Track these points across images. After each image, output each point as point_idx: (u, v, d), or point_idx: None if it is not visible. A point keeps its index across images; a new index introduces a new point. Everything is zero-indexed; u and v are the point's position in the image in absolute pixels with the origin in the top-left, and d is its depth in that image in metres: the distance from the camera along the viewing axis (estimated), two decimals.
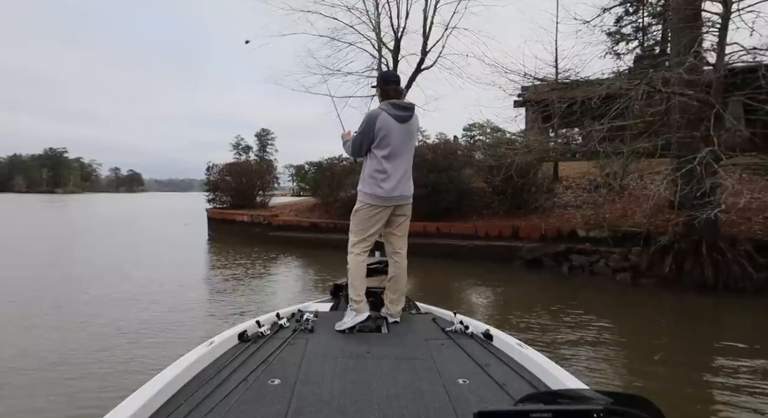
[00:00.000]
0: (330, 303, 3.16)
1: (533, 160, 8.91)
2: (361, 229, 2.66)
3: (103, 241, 14.32)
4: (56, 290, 6.97)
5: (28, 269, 8.80)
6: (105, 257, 10.69)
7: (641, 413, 0.98)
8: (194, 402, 1.49)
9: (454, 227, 10.54)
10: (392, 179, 2.59)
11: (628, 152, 6.66)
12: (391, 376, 1.79)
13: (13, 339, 4.70)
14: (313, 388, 1.65)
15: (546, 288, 7.87)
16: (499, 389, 1.65)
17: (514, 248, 9.47)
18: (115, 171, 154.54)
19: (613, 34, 18.70)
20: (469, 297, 7.30)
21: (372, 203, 2.61)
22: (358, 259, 2.63)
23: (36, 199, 59.33)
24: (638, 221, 8.83)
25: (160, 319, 5.45)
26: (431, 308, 3.11)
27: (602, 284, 7.83)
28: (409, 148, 2.69)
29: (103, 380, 3.70)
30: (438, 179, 10.75)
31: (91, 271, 8.78)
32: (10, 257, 10.44)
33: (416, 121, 2.73)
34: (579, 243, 8.84)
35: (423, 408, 1.50)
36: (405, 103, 2.67)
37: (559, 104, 7.30)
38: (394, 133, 2.59)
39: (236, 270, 9.11)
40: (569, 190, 12.16)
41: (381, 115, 2.59)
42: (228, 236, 14.74)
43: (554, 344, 4.74)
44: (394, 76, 2.84)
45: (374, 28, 15.63)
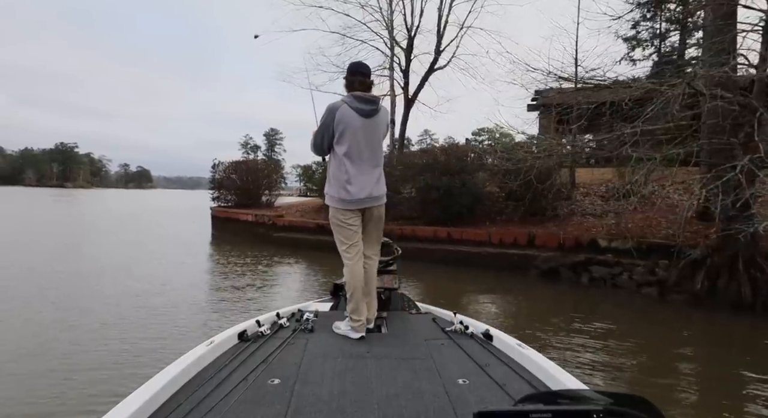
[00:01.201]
0: (330, 303, 3.09)
1: (554, 164, 8.40)
2: (342, 236, 2.48)
3: (109, 238, 13.98)
4: (66, 286, 6.88)
5: (39, 266, 8.47)
6: (111, 255, 10.33)
7: (641, 413, 0.97)
8: (194, 401, 1.48)
9: (466, 233, 10.05)
10: (358, 180, 2.39)
11: (660, 159, 6.14)
12: (390, 376, 1.78)
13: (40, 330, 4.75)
14: (313, 388, 1.65)
15: (563, 300, 7.36)
16: (498, 389, 1.64)
17: (530, 257, 8.97)
18: (125, 167, 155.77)
19: (630, 40, 18.20)
20: (480, 307, 6.82)
21: (339, 208, 2.45)
22: (355, 268, 2.45)
23: (46, 193, 59.64)
24: (664, 232, 8.31)
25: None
26: (431, 308, 3.06)
27: (626, 299, 7.30)
28: (374, 145, 2.48)
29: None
30: (450, 183, 10.27)
31: (96, 268, 8.52)
32: (20, 254, 10.09)
33: (383, 116, 2.51)
34: (600, 254, 8.32)
35: (423, 408, 1.50)
36: (369, 96, 2.45)
37: (586, 106, 6.82)
38: (356, 129, 2.38)
39: (233, 278, 8.70)
40: (586, 198, 11.65)
41: (341, 108, 2.38)
42: (232, 236, 14.37)
43: (572, 363, 4.27)
44: (362, 66, 2.56)
45: (387, 26, 15.26)
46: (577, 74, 7.67)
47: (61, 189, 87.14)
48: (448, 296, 7.59)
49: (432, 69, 15.32)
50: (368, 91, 2.49)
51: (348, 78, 2.51)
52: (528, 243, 9.26)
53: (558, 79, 7.78)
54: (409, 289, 8.13)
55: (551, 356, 4.37)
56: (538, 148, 8.29)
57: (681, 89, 5.45)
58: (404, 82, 15.57)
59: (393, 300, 2.99)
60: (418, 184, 10.78)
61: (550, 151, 7.85)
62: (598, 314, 6.41)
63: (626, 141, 5.91)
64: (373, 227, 2.57)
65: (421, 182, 10.62)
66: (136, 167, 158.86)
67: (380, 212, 2.56)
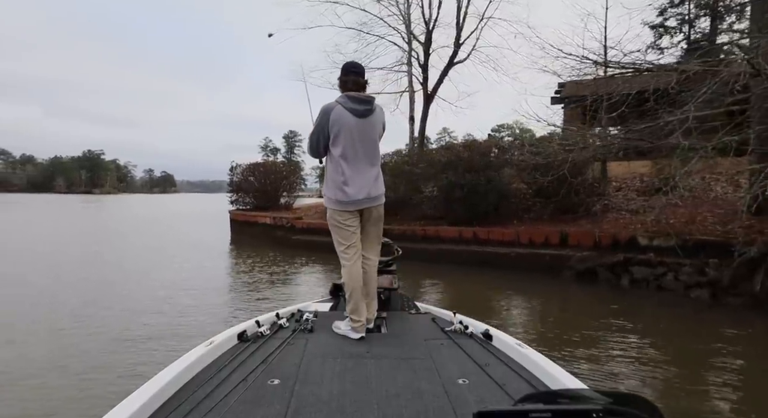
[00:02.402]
0: (329, 303, 3.08)
1: (590, 157, 7.80)
2: (340, 237, 2.48)
3: (133, 243, 13.95)
4: (96, 293, 6.75)
5: (67, 276, 8.33)
6: (134, 261, 10.20)
7: (640, 413, 0.95)
8: (194, 402, 1.48)
9: (492, 233, 9.52)
10: (355, 181, 2.38)
11: (711, 148, 5.52)
12: (390, 376, 1.78)
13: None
14: (313, 388, 1.64)
15: (602, 304, 6.74)
16: (498, 389, 1.64)
17: (563, 257, 8.39)
18: (149, 172, 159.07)
19: (657, 28, 17.31)
20: (509, 313, 6.31)
21: (337, 209, 2.44)
22: (353, 268, 2.43)
23: (75, 199, 61.25)
24: (712, 229, 7.63)
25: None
26: (430, 308, 3.07)
27: (673, 302, 6.67)
28: (370, 145, 2.45)
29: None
30: (475, 180, 9.75)
31: (122, 275, 8.29)
32: (49, 263, 10.06)
33: (379, 116, 2.49)
34: (640, 253, 7.69)
35: (422, 408, 1.50)
36: (363, 95, 2.42)
37: (626, 91, 6.23)
38: (350, 130, 2.36)
39: (250, 284, 8.39)
40: (620, 193, 10.96)
41: (335, 109, 2.36)
42: (250, 239, 14.15)
43: (616, 378, 3.75)
44: (355, 66, 2.52)
45: (404, 20, 14.80)
46: (612, 60, 7.05)
47: (90, 195, 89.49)
48: (474, 300, 7.11)
49: (451, 63, 14.78)
50: (362, 91, 2.45)
51: (341, 78, 2.47)
52: (560, 242, 8.68)
53: (594, 64, 7.17)
54: (432, 293, 7.68)
55: (598, 370, 3.95)
56: (570, 140, 7.68)
57: (743, 68, 4.82)
58: (423, 77, 15.09)
59: (393, 300, 2.99)
60: (440, 183, 10.29)
61: (584, 144, 7.24)
62: (643, 320, 5.83)
63: (674, 129, 5.30)
64: (371, 227, 2.54)
65: (444, 180, 10.14)
66: (160, 172, 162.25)
67: (379, 213, 2.53)
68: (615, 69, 6.87)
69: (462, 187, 9.83)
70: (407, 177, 11.77)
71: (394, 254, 3.29)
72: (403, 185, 11.88)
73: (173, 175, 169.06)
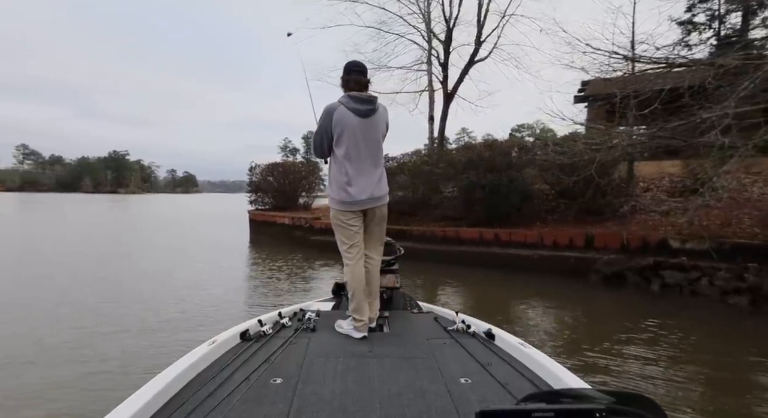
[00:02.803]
0: (332, 302, 3.07)
1: (619, 156, 7.49)
2: (343, 236, 2.48)
3: (156, 244, 14.13)
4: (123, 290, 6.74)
5: (100, 274, 8.45)
6: (159, 262, 10.30)
7: (644, 412, 0.94)
8: (197, 401, 1.48)
9: (515, 235, 9.27)
10: (358, 182, 2.38)
11: (752, 146, 5.19)
12: (392, 375, 1.77)
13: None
14: (315, 387, 1.64)
15: (631, 310, 6.44)
16: (501, 388, 1.64)
17: (589, 260, 8.10)
18: (172, 173, 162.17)
19: (685, 24, 16.69)
20: (531, 318, 6.06)
21: (341, 209, 2.44)
22: (356, 268, 2.44)
23: (102, 199, 62.77)
24: (750, 231, 7.25)
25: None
26: (433, 308, 3.06)
27: (708, 309, 6.33)
28: (374, 145, 2.44)
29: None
30: (497, 180, 9.52)
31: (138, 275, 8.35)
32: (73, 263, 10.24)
33: (382, 116, 2.46)
34: (672, 256, 7.36)
35: (425, 407, 1.50)
36: (365, 95, 2.40)
37: (659, 87, 5.93)
38: (353, 130, 2.36)
39: (268, 284, 8.33)
40: (648, 193, 10.57)
41: (338, 109, 2.36)
42: (269, 239, 14.16)
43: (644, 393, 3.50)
44: (357, 65, 2.49)
45: (424, 18, 14.62)
46: (644, 55, 6.73)
47: (115, 195, 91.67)
48: (495, 304, 6.89)
49: (472, 61, 14.54)
50: (365, 90, 2.43)
51: (344, 77, 2.46)
52: (586, 245, 8.39)
53: (624, 59, 6.86)
54: (451, 295, 7.49)
55: (609, 384, 3.71)
56: (597, 139, 7.39)
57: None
58: (443, 76, 14.88)
59: (395, 299, 2.98)
60: (460, 183, 10.08)
61: (612, 143, 6.95)
62: (676, 327, 5.52)
63: (712, 126, 5.00)
64: (375, 227, 2.53)
65: (465, 181, 9.92)
66: (182, 172, 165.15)
67: (382, 212, 2.52)
68: (646, 64, 6.55)
69: (483, 188, 9.61)
70: (426, 177, 11.59)
71: (396, 253, 3.29)
72: (422, 186, 11.71)
73: (195, 176, 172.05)
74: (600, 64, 6.98)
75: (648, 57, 6.33)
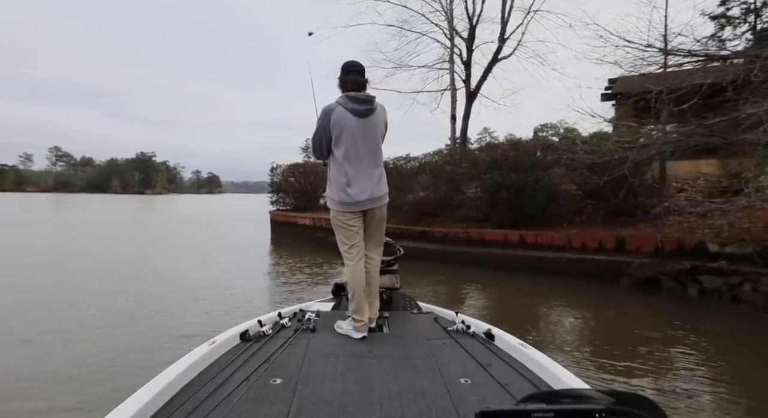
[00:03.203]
0: (332, 303, 3.05)
1: (654, 155, 7.13)
2: (343, 237, 2.46)
3: (183, 247, 14.31)
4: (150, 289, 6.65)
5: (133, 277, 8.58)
6: (181, 263, 10.38)
7: (643, 413, 0.93)
8: (196, 401, 1.48)
9: (541, 237, 8.97)
10: (358, 182, 2.37)
11: None
12: (392, 376, 1.77)
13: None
14: (315, 387, 1.64)
15: (666, 318, 6.06)
16: (500, 388, 1.63)
17: (620, 264, 7.74)
18: (197, 174, 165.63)
19: (718, 18, 15.98)
20: (559, 324, 5.79)
21: (340, 210, 2.43)
22: (356, 268, 2.43)
23: (130, 199, 64.48)
24: None
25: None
26: (433, 308, 3.06)
27: (751, 317, 5.95)
28: (373, 145, 2.42)
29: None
30: (522, 180, 9.23)
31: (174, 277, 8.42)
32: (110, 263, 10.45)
33: (380, 115, 2.45)
34: (710, 260, 6.95)
35: (425, 408, 1.49)
36: (363, 95, 2.38)
37: (700, 81, 5.58)
38: (351, 130, 2.34)
39: (287, 285, 8.27)
40: (682, 194, 10.09)
41: (336, 110, 2.35)
42: (290, 240, 14.16)
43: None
44: (355, 65, 2.46)
45: (447, 16, 14.40)
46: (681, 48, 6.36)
47: (142, 196, 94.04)
48: (520, 309, 6.64)
49: (496, 59, 14.23)
50: (363, 90, 2.41)
51: (341, 78, 2.43)
52: (616, 247, 8.04)
53: (659, 52, 6.50)
54: (474, 299, 7.27)
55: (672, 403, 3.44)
56: (630, 137, 7.05)
57: None
58: (465, 74, 14.61)
59: (395, 300, 2.97)
60: (484, 183, 9.82)
61: (646, 141, 6.60)
62: (716, 337, 5.19)
63: (760, 121, 4.65)
64: (374, 227, 2.52)
65: (488, 181, 9.66)
66: (207, 173, 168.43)
67: (382, 213, 2.51)
68: (683, 58, 6.19)
69: (508, 188, 9.34)
70: (449, 177, 11.37)
71: (396, 253, 3.28)
72: (444, 186, 11.50)
73: (219, 177, 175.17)
74: (634, 58, 6.63)
75: (686, 50, 5.98)
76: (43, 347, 4.42)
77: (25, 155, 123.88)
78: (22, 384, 3.60)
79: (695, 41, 5.91)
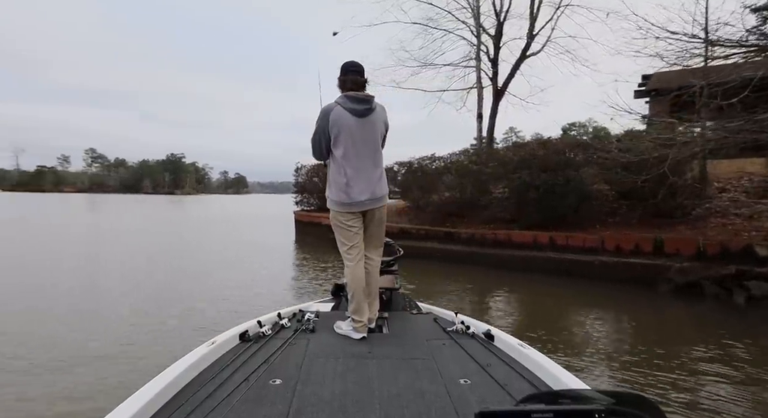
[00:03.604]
0: (331, 303, 3.06)
1: (698, 153, 6.73)
2: (343, 237, 2.46)
3: (210, 249, 14.53)
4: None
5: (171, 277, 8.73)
6: (217, 265, 10.50)
7: (643, 413, 0.94)
8: (196, 402, 1.48)
9: (572, 238, 8.62)
10: (357, 183, 2.36)
11: None
12: (392, 376, 1.77)
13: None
14: (315, 388, 1.64)
15: (714, 326, 5.71)
16: (500, 389, 1.63)
17: (658, 268, 7.35)
18: (224, 174, 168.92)
19: (760, 11, 15.13)
20: (592, 332, 5.48)
21: (340, 211, 2.43)
22: (356, 269, 2.43)
23: (161, 200, 66.29)
24: None
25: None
26: (432, 308, 3.05)
27: None
28: (372, 145, 2.41)
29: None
30: (552, 180, 8.91)
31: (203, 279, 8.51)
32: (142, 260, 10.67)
33: (380, 115, 2.43)
34: (758, 265, 6.53)
35: (424, 408, 1.49)
36: (362, 95, 2.38)
37: (750, 74, 5.19)
38: (351, 130, 2.34)
39: (310, 287, 8.19)
40: (725, 194, 9.55)
41: (335, 110, 2.34)
42: (314, 240, 14.13)
43: None
44: (354, 65, 2.45)
45: (473, 13, 14.12)
46: (727, 39, 5.94)
47: (172, 196, 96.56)
48: (552, 315, 6.35)
49: (524, 56, 13.86)
50: (362, 90, 2.40)
51: (340, 78, 2.42)
52: (654, 250, 7.64)
53: (704, 43, 6.11)
54: (500, 303, 7.02)
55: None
56: (671, 135, 6.66)
57: None
58: (492, 72, 14.30)
59: (394, 300, 2.96)
60: (512, 183, 9.54)
61: (686, 138, 6.22)
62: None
63: None
64: (374, 228, 2.51)
65: (517, 181, 9.37)
66: (234, 174, 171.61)
67: (381, 213, 2.50)
68: (730, 48, 5.78)
69: (537, 188, 9.03)
70: (475, 177, 11.11)
71: (395, 253, 3.24)
72: (470, 186, 11.25)
73: (245, 177, 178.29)
74: (677, 50, 6.23)
75: (734, 40, 5.58)
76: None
77: (63, 157, 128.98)
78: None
79: (745, 31, 5.50)
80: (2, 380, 3.64)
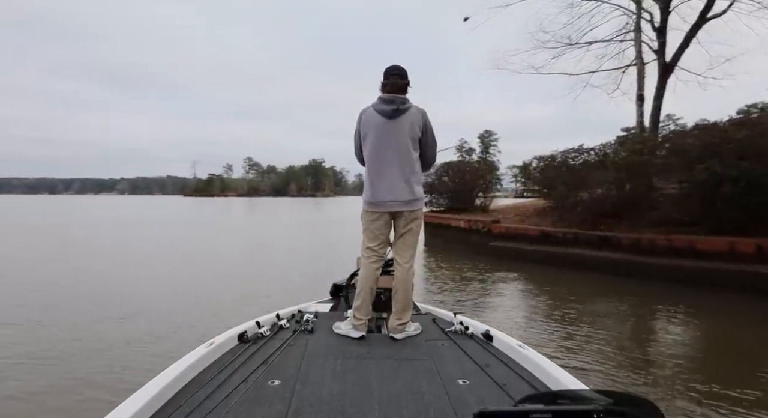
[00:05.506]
0: (330, 304, 3.04)
1: None
2: (366, 236, 2.46)
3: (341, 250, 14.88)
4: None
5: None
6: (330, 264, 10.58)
7: (642, 413, 0.94)
8: (195, 403, 1.47)
9: None
10: (382, 183, 2.37)
11: None
12: (391, 376, 1.76)
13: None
14: (313, 388, 1.63)
15: None
16: (499, 389, 1.63)
17: None
18: (359, 177, 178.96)
19: None
20: None
21: (366, 209, 2.45)
22: (368, 269, 2.41)
23: (304, 201, 72.93)
24: None
25: None
26: (431, 309, 3.04)
27: None
28: (401, 147, 2.36)
29: None
30: (759, 171, 6.69)
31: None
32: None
33: (413, 117, 2.38)
34: None
35: (423, 409, 1.48)
36: (392, 96, 2.37)
37: None
38: (377, 131, 2.37)
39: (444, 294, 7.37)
40: None
41: (367, 111, 2.42)
42: (444, 243, 13.34)
43: None
44: (396, 68, 2.43)
45: None
46: None
47: (313, 198, 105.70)
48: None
49: (703, 19, 11.12)
50: (402, 93, 2.40)
51: (383, 81, 2.42)
52: None
53: None
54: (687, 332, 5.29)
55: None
56: None
57: None
58: (658, 43, 11.78)
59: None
60: (698, 176, 7.44)
61: None
62: None
63: None
64: (405, 232, 2.45)
65: (704, 173, 7.29)
66: None
67: (412, 217, 2.43)
68: None
69: (734, 181, 6.87)
70: (637, 170, 9.12)
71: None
72: (629, 181, 9.28)
73: None
74: None
75: None
76: None
77: (227, 165, 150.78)
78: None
79: None
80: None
